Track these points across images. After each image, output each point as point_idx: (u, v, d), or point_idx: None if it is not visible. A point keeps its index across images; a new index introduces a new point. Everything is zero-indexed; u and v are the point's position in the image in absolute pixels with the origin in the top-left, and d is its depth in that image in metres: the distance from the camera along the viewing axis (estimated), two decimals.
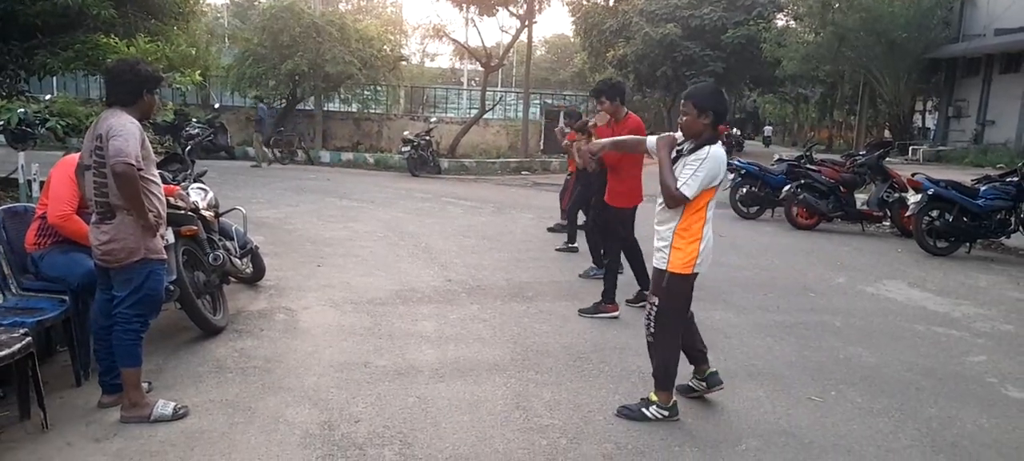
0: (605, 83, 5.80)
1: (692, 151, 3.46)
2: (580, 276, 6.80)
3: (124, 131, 3.20)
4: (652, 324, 3.62)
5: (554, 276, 6.88)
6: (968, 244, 8.70)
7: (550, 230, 9.40)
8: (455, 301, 5.85)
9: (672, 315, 3.61)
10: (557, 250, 8.13)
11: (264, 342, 4.66)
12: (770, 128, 47.14)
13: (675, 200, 3.45)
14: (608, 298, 5.54)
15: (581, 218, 8.04)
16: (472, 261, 7.39)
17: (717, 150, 3.45)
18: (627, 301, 5.78)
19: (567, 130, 8.65)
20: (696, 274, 3.56)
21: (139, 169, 3.24)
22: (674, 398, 3.70)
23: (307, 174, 15.84)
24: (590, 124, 6.15)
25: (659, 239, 3.60)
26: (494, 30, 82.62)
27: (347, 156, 19.47)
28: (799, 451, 3.39)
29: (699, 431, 3.57)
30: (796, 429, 3.63)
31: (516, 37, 21.77)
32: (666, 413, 3.64)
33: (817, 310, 5.95)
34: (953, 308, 6.18)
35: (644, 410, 3.66)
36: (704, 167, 3.39)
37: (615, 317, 5.47)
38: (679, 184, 3.42)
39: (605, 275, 5.63)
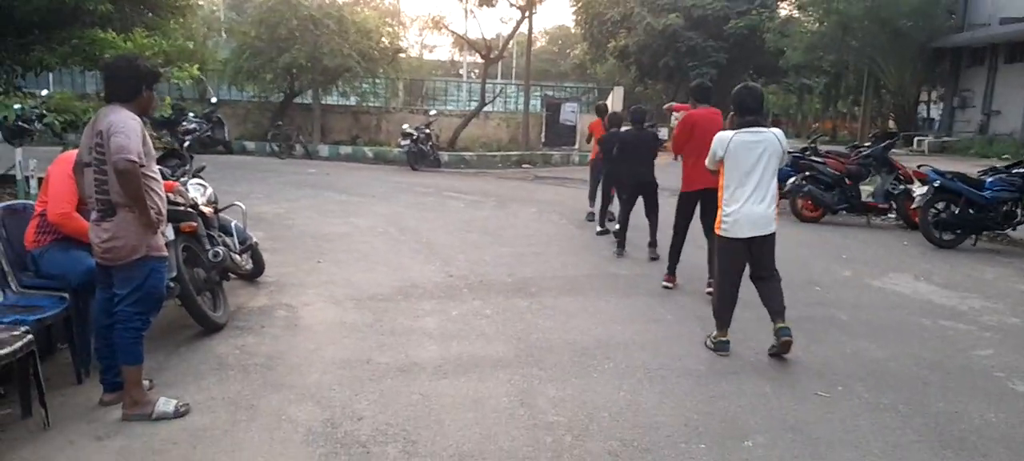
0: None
1: None
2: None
3: (125, 128, 3.17)
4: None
5: (557, 271, 6.85)
6: (974, 236, 8.64)
7: (599, 233, 8.78)
8: (457, 297, 5.81)
9: (718, 267, 4.71)
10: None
11: (265, 339, 4.63)
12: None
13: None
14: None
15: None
16: (474, 256, 7.36)
17: (721, 133, 4.60)
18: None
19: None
20: (726, 237, 4.53)
21: (141, 166, 3.20)
22: (726, 337, 4.62)
23: (306, 168, 15.80)
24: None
25: None
26: (494, 21, 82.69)
27: (346, 150, 19.39)
28: (806, 446, 3.36)
29: (706, 427, 3.53)
30: (803, 424, 3.60)
31: (516, 28, 21.65)
32: (713, 346, 4.64)
33: (823, 304, 5.91)
34: (960, 301, 6.13)
35: (706, 340, 4.75)
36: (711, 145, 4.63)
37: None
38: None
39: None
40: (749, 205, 4.40)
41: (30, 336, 3.30)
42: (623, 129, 8.09)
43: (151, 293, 3.43)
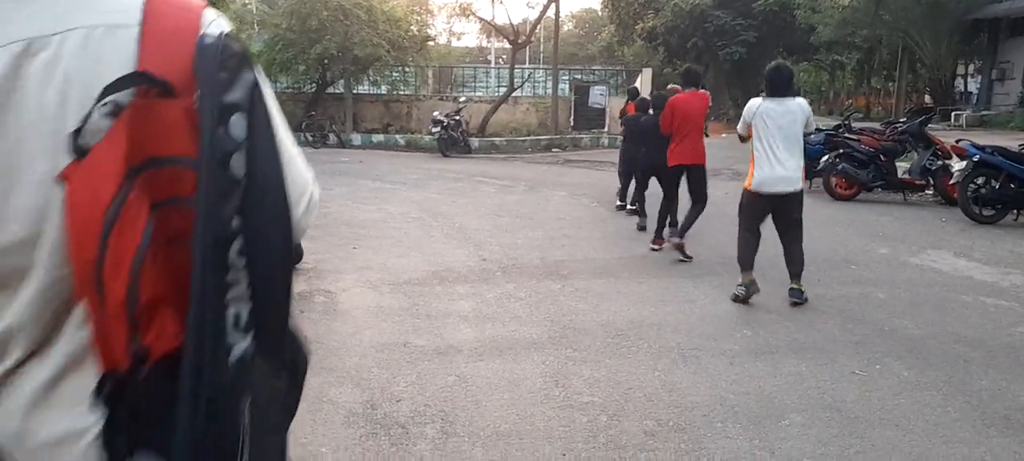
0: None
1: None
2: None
3: None
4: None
5: (588, 254, 6.86)
6: (1016, 211, 8.45)
7: (641, 230, 8.29)
8: (491, 280, 5.87)
9: (743, 220, 5.32)
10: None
11: (305, 324, 4.73)
12: None
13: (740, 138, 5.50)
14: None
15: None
16: (506, 240, 7.40)
17: (751, 101, 5.25)
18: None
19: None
20: (755, 192, 5.12)
21: None
22: (751, 277, 5.15)
23: (339, 157, 15.98)
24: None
25: None
26: (521, 6, 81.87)
27: (378, 138, 19.57)
28: (844, 425, 3.35)
29: (741, 407, 3.54)
30: (841, 404, 3.58)
31: (543, 13, 21.58)
32: (742, 291, 5.14)
33: (860, 282, 5.84)
34: (1002, 278, 6.01)
35: (736, 289, 5.19)
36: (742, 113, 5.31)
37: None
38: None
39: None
40: (776, 166, 4.98)
41: None
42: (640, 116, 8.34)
43: None
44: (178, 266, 0.77)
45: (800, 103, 5.11)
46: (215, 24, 0.85)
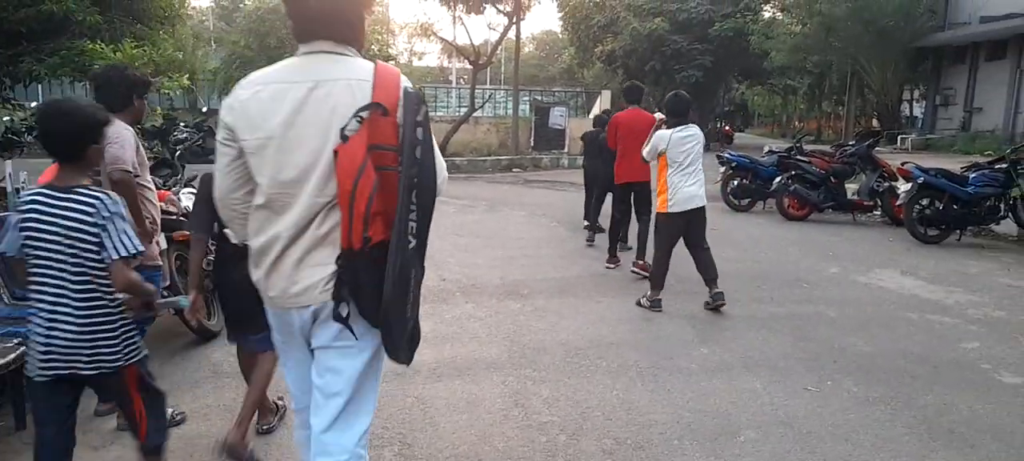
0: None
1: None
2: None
3: (119, 138, 3.18)
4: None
5: (548, 273, 6.89)
6: (958, 231, 8.76)
7: (590, 244, 8.47)
8: (450, 300, 5.84)
9: (659, 240, 5.70)
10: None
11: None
12: None
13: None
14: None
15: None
16: (466, 259, 7.39)
17: (660, 132, 5.67)
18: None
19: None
20: (670, 212, 5.53)
21: (135, 176, 3.22)
22: (659, 297, 5.62)
23: None
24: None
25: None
26: (482, 28, 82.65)
27: None
28: (797, 441, 3.41)
29: (698, 424, 3.58)
30: (793, 419, 3.65)
31: (504, 34, 21.72)
32: (649, 304, 5.62)
33: (811, 301, 5.99)
34: (946, 296, 6.22)
35: (641, 299, 5.72)
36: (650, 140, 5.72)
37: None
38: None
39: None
40: (688, 186, 5.48)
41: (23, 348, 3.29)
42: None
43: None
44: (387, 198, 1.76)
45: (697, 130, 5.63)
46: (406, 80, 1.90)
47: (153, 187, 3.52)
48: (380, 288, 1.77)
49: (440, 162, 1.91)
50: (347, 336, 1.89)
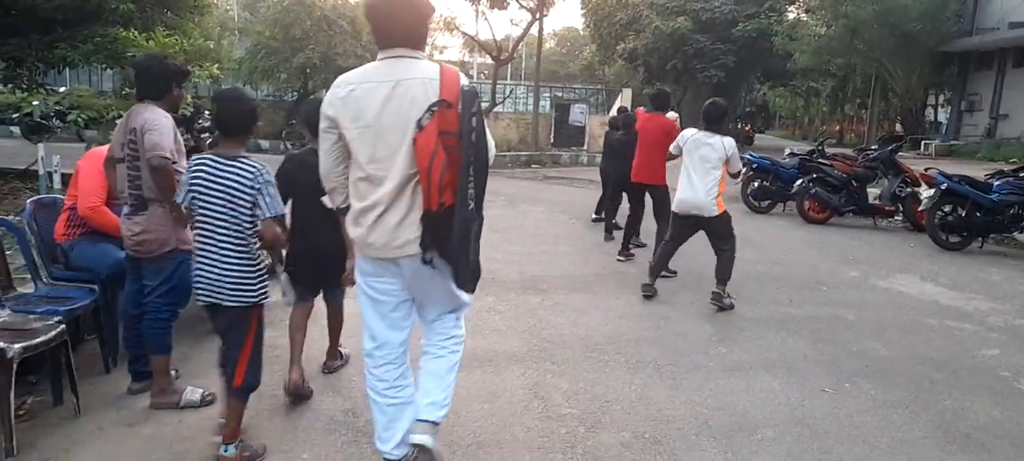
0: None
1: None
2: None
3: (159, 125, 3.29)
4: None
5: (566, 269, 6.95)
6: (981, 239, 8.70)
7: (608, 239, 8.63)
8: None
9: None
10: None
11: (286, 331, 4.72)
12: None
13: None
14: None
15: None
16: (485, 253, 7.36)
17: (684, 131, 5.81)
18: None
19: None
20: (673, 210, 5.82)
21: (173, 162, 3.32)
22: (653, 284, 5.90)
23: None
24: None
25: None
26: (504, 23, 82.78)
27: None
28: (813, 440, 3.45)
29: (715, 421, 3.63)
30: (811, 419, 3.69)
31: (527, 30, 21.78)
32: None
33: (830, 304, 6.00)
34: (966, 302, 6.20)
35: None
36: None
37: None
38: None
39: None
40: (685, 190, 5.58)
41: (62, 326, 3.42)
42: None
43: (180, 285, 3.55)
44: (452, 172, 2.36)
45: (724, 142, 5.52)
46: (464, 78, 2.48)
47: None
48: (451, 238, 2.39)
49: (490, 142, 2.53)
50: (437, 271, 2.53)
